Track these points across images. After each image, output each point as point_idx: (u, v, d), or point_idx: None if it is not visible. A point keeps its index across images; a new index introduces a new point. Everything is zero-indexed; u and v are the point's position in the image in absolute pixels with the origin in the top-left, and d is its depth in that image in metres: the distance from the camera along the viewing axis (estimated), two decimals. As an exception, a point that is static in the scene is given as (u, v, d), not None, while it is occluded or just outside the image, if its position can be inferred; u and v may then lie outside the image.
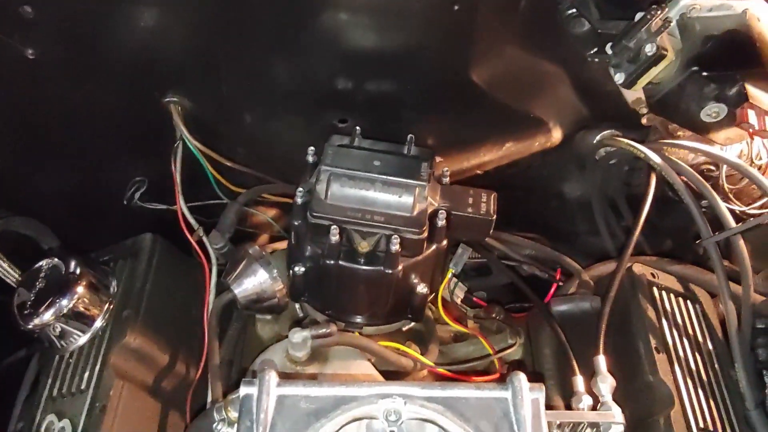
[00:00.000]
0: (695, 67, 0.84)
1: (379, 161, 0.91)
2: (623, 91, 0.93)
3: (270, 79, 0.98)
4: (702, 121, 0.87)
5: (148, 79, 0.98)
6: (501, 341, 1.09)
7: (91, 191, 1.14)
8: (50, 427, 0.89)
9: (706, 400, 0.90)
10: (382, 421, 0.67)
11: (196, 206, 1.07)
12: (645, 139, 1.05)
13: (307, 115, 1.05)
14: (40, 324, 0.92)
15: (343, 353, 0.97)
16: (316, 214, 0.86)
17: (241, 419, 0.66)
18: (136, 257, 1.03)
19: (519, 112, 1.05)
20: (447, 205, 0.91)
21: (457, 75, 0.97)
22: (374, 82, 0.98)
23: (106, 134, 1.06)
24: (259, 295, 1.01)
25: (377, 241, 0.86)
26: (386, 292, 0.89)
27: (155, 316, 0.98)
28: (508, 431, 0.67)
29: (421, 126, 1.02)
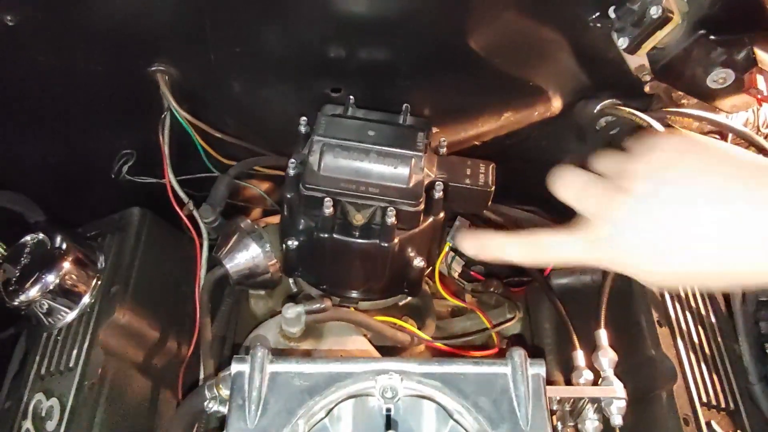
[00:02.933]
0: (702, 31, 0.80)
1: (374, 131, 0.88)
2: (626, 58, 0.90)
3: (260, 46, 0.95)
4: (708, 87, 0.84)
5: (132, 46, 0.94)
6: (499, 315, 1.08)
7: (78, 165, 1.11)
8: (38, 406, 0.87)
9: (709, 374, 0.89)
10: (378, 399, 0.66)
11: (186, 179, 1.05)
12: (648, 108, 1.02)
13: (299, 83, 1.02)
14: (26, 301, 0.90)
15: (338, 329, 0.96)
16: (308, 186, 0.83)
17: (233, 397, 0.65)
18: (125, 232, 1.01)
19: (518, 81, 1.02)
20: (444, 177, 0.88)
21: (453, 41, 0.94)
22: (368, 49, 0.95)
23: (91, 105, 1.02)
24: (252, 270, 1.00)
25: (372, 213, 0.84)
26: (382, 265, 0.87)
27: (145, 292, 0.96)
28: (508, 408, 0.65)
29: (416, 95, 0.99)
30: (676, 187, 0.57)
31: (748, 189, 0.55)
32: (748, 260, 0.55)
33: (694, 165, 0.58)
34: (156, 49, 0.96)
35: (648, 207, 0.58)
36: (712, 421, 0.84)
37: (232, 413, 0.63)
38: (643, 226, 0.58)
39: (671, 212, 0.57)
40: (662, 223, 0.57)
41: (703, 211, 0.56)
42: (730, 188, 0.56)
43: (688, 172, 0.58)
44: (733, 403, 0.88)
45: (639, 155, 0.61)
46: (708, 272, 0.58)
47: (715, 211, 0.55)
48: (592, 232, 0.61)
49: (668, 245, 0.57)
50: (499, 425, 0.64)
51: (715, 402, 0.87)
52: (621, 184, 0.60)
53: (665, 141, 0.61)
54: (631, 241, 0.59)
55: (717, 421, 0.85)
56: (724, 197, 0.55)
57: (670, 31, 0.81)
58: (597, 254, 0.62)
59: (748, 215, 0.54)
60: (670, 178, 0.58)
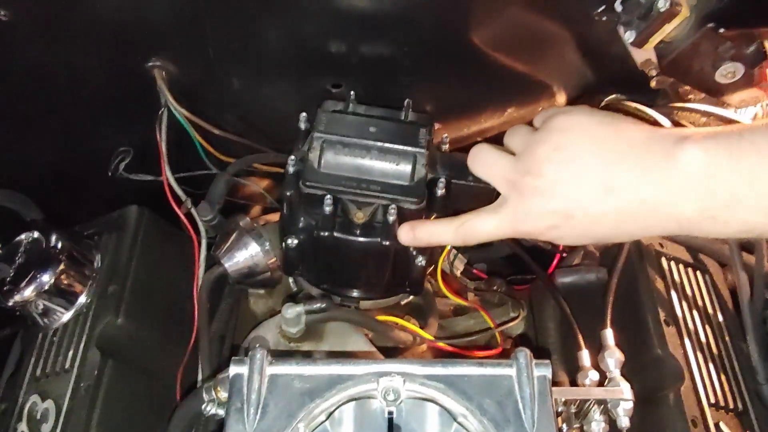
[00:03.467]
0: (711, 24, 0.79)
1: (375, 127, 0.86)
2: (632, 52, 0.89)
3: (259, 41, 0.93)
4: (716, 82, 0.83)
5: (129, 42, 0.93)
6: (502, 314, 1.07)
7: (74, 162, 1.09)
8: (33, 408, 0.86)
9: (717, 374, 0.87)
10: (380, 401, 0.65)
11: (184, 177, 1.03)
12: (653, 103, 1.01)
13: (299, 79, 1.00)
14: (21, 301, 0.89)
15: (338, 329, 0.94)
16: (309, 184, 0.82)
17: (231, 400, 0.63)
18: (122, 230, 0.99)
19: (521, 76, 1.00)
20: (447, 174, 0.87)
21: (456, 36, 0.92)
22: (369, 43, 0.93)
23: (87, 102, 1.01)
24: (251, 269, 0.98)
25: (374, 211, 0.83)
26: (384, 264, 0.86)
27: (142, 291, 0.94)
28: (513, 410, 0.64)
29: (418, 90, 0.98)
30: (569, 162, 0.64)
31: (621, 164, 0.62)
32: (636, 221, 0.63)
33: (587, 141, 0.64)
34: (153, 44, 0.94)
35: (545, 182, 0.65)
36: (721, 422, 0.83)
37: (231, 416, 0.62)
38: (543, 200, 0.65)
39: (566, 184, 0.64)
40: (559, 195, 0.64)
41: (593, 182, 0.63)
42: (615, 162, 0.62)
43: (581, 148, 0.64)
44: (742, 403, 0.87)
45: (540, 132, 0.68)
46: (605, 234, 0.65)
47: (603, 180, 0.62)
48: (504, 208, 0.69)
49: (567, 213, 0.64)
50: (504, 428, 0.63)
51: (723, 403, 0.86)
52: (524, 161, 0.67)
53: (561, 119, 0.67)
54: (536, 212, 0.66)
55: (725, 422, 0.83)
56: (611, 171, 0.62)
57: (678, 25, 0.79)
58: (513, 228, 0.70)
59: (632, 183, 0.61)
60: (564, 155, 0.65)
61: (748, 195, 0.56)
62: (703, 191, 0.58)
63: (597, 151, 0.63)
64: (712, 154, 0.58)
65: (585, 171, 0.63)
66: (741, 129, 0.58)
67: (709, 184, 0.58)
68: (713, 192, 0.58)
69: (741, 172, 0.56)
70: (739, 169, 0.57)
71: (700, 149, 0.58)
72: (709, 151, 0.58)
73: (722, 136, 0.58)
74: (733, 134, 0.58)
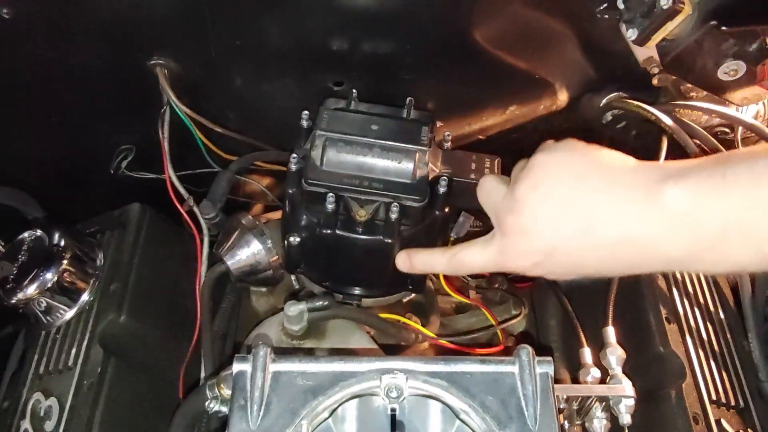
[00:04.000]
0: (713, 22, 0.79)
1: (377, 125, 0.86)
2: (634, 50, 0.89)
3: (261, 39, 0.93)
4: (719, 79, 0.83)
5: (131, 39, 0.93)
6: (504, 312, 1.07)
7: (76, 160, 1.09)
8: (37, 406, 0.86)
9: (718, 371, 0.87)
10: (383, 398, 0.65)
11: (187, 175, 1.03)
12: (655, 101, 1.01)
13: (301, 77, 1.00)
14: (24, 299, 0.89)
15: (341, 326, 0.94)
16: (311, 182, 0.82)
17: (235, 397, 0.63)
18: (124, 228, 0.99)
19: (523, 73, 1.00)
20: (449, 171, 0.87)
21: (458, 33, 0.92)
22: (371, 41, 0.93)
23: (89, 100, 1.01)
24: (253, 267, 0.98)
25: (376, 209, 0.83)
26: (386, 262, 0.85)
27: (144, 289, 0.94)
28: (516, 407, 0.64)
29: (420, 88, 0.98)
30: (547, 199, 0.63)
31: (602, 200, 0.60)
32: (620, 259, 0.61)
33: (565, 177, 0.63)
34: (155, 42, 0.94)
35: (525, 220, 0.64)
36: (722, 419, 0.83)
37: (234, 414, 0.62)
38: (524, 238, 0.65)
39: (546, 222, 0.63)
40: (539, 233, 0.63)
41: (572, 219, 0.61)
42: (595, 199, 0.61)
43: (560, 184, 0.63)
44: (743, 400, 0.87)
45: (523, 169, 0.66)
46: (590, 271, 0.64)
47: (583, 217, 0.61)
48: (491, 244, 0.69)
49: (548, 251, 0.63)
50: (506, 425, 0.62)
51: (725, 400, 0.86)
52: (507, 198, 0.66)
53: (542, 155, 0.65)
54: (518, 250, 0.66)
55: (727, 419, 0.83)
56: (591, 208, 0.60)
57: (680, 22, 0.79)
58: (499, 263, 0.69)
59: (612, 220, 0.59)
60: (542, 192, 0.63)
61: (735, 235, 0.55)
62: (688, 232, 0.56)
63: (575, 189, 0.62)
64: (696, 195, 0.56)
65: (564, 208, 0.62)
66: (724, 165, 0.56)
67: (694, 226, 0.56)
68: (699, 233, 0.56)
69: (726, 212, 0.54)
70: (723, 209, 0.55)
71: (683, 189, 0.56)
72: (693, 192, 0.56)
73: (705, 174, 0.56)
74: (716, 172, 0.55)
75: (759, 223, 0.53)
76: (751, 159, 0.54)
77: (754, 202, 0.53)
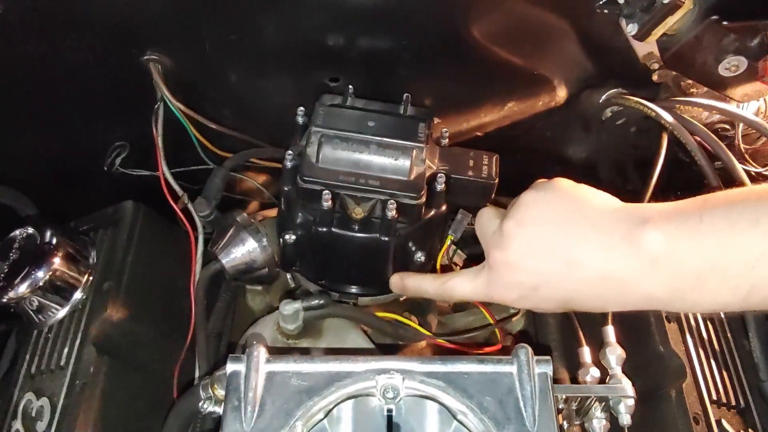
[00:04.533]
0: (714, 16, 0.78)
1: (374, 122, 0.86)
2: (634, 45, 0.88)
3: (256, 34, 0.92)
4: (720, 75, 0.82)
5: (124, 34, 0.91)
6: (502, 310, 1.06)
7: (69, 157, 1.08)
8: (28, 406, 0.85)
9: (719, 371, 0.87)
10: (379, 399, 0.64)
11: (181, 172, 1.02)
12: (655, 98, 1.00)
13: (297, 73, 0.99)
14: (15, 297, 0.88)
15: (337, 325, 0.94)
16: (306, 179, 0.81)
17: (228, 398, 0.63)
18: (118, 226, 0.98)
19: (521, 69, 0.99)
20: (446, 168, 0.86)
21: (456, 29, 0.91)
22: (368, 37, 0.92)
23: (82, 96, 1.00)
24: (249, 265, 0.97)
25: (372, 206, 0.82)
26: (383, 260, 0.85)
27: (138, 287, 0.93)
28: (514, 408, 0.63)
29: (417, 84, 0.97)
30: (532, 237, 0.66)
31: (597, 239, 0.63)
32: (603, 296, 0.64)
33: (549, 217, 0.66)
34: (149, 37, 0.93)
35: (511, 256, 0.67)
36: (723, 419, 0.82)
37: (228, 415, 0.61)
38: (510, 273, 0.68)
39: (530, 258, 0.66)
40: (523, 269, 0.67)
41: (555, 256, 0.65)
42: (577, 238, 0.64)
43: (544, 223, 0.66)
44: (744, 400, 0.86)
45: (511, 207, 0.70)
46: (575, 305, 0.67)
47: (565, 255, 0.64)
48: (480, 276, 0.72)
49: (532, 286, 0.67)
50: (504, 426, 0.62)
51: (725, 400, 0.85)
52: (496, 234, 0.69)
53: (528, 194, 0.69)
54: (504, 284, 0.69)
55: (727, 419, 0.83)
56: (573, 246, 0.64)
57: (681, 17, 0.78)
58: (486, 295, 0.72)
59: (594, 258, 0.63)
60: (527, 230, 0.67)
61: (713, 276, 0.57)
62: (667, 274, 0.59)
63: (559, 227, 0.65)
64: (674, 238, 0.58)
65: (547, 246, 0.65)
66: (701, 210, 0.58)
67: (673, 268, 0.59)
68: (679, 275, 0.59)
69: (704, 255, 0.57)
70: (701, 251, 0.57)
71: (661, 233, 0.59)
72: (671, 235, 0.58)
73: (683, 217, 0.59)
74: (694, 215, 0.58)
75: (735, 267, 0.56)
76: (728, 204, 0.57)
77: (730, 247, 0.56)
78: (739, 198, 0.58)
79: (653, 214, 0.61)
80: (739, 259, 0.55)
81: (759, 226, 0.55)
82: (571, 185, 0.68)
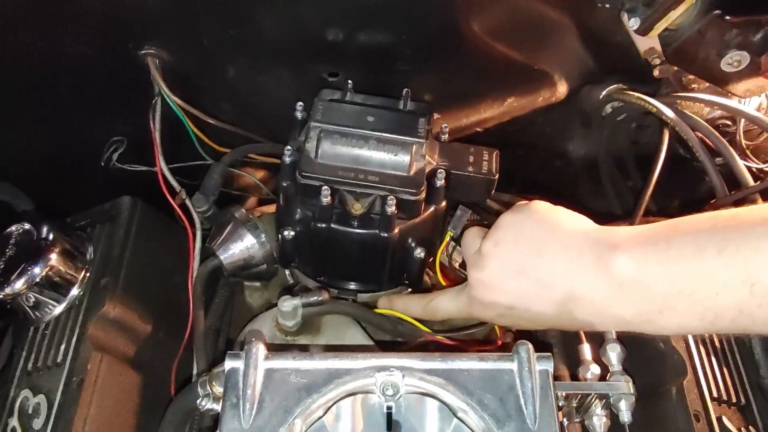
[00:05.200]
0: (717, 11, 0.78)
1: (373, 117, 0.85)
2: (636, 40, 0.88)
3: (254, 29, 0.91)
4: (722, 70, 0.82)
5: (122, 29, 0.91)
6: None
7: (66, 152, 1.07)
8: (25, 403, 0.84)
9: (719, 368, 0.86)
10: (379, 396, 0.64)
11: (179, 167, 1.02)
12: (656, 93, 1.00)
13: (295, 67, 0.98)
14: (12, 293, 0.87)
15: (336, 322, 0.93)
16: (305, 174, 0.80)
17: (227, 395, 0.62)
18: (115, 221, 0.97)
19: (521, 65, 0.99)
20: (446, 164, 0.85)
21: (456, 23, 0.91)
22: (367, 31, 0.91)
23: (79, 90, 0.99)
24: (247, 261, 0.97)
25: (372, 202, 0.81)
26: (382, 256, 0.84)
27: (136, 283, 0.93)
28: (514, 405, 0.63)
29: (417, 79, 0.96)
30: (507, 259, 0.69)
31: (568, 262, 0.65)
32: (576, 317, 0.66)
33: (523, 240, 0.69)
34: (147, 31, 0.92)
35: (488, 276, 0.70)
36: (723, 416, 0.81)
37: (226, 412, 0.61)
38: (487, 292, 0.71)
39: (505, 279, 0.69)
40: (499, 289, 0.70)
41: (529, 278, 0.68)
42: (550, 261, 0.66)
43: (518, 245, 0.69)
44: (744, 398, 0.86)
45: (489, 234, 0.72)
46: (550, 325, 0.70)
47: (539, 277, 0.67)
48: (462, 294, 0.76)
49: (508, 305, 0.70)
50: (505, 424, 0.61)
51: (726, 397, 0.84)
52: (476, 254, 0.73)
53: (506, 217, 0.72)
54: (482, 302, 0.72)
55: (728, 416, 0.82)
56: (546, 269, 0.66)
57: (684, 11, 0.78)
58: (468, 312, 0.76)
59: (566, 281, 0.65)
60: (502, 251, 0.70)
61: (680, 301, 0.58)
62: (637, 298, 0.61)
63: (532, 249, 0.67)
64: (643, 264, 0.60)
65: (521, 267, 0.68)
66: (671, 233, 0.60)
67: (641, 291, 0.60)
68: (647, 299, 0.60)
69: (671, 280, 0.58)
70: (669, 277, 0.58)
71: (630, 259, 0.61)
72: (639, 261, 0.60)
73: (652, 242, 0.60)
74: (662, 241, 0.60)
75: (702, 292, 0.57)
76: (696, 231, 0.59)
77: (697, 274, 0.57)
78: (708, 224, 0.58)
79: (623, 239, 0.63)
80: (705, 286, 0.57)
81: (724, 253, 0.56)
82: (548, 208, 0.70)
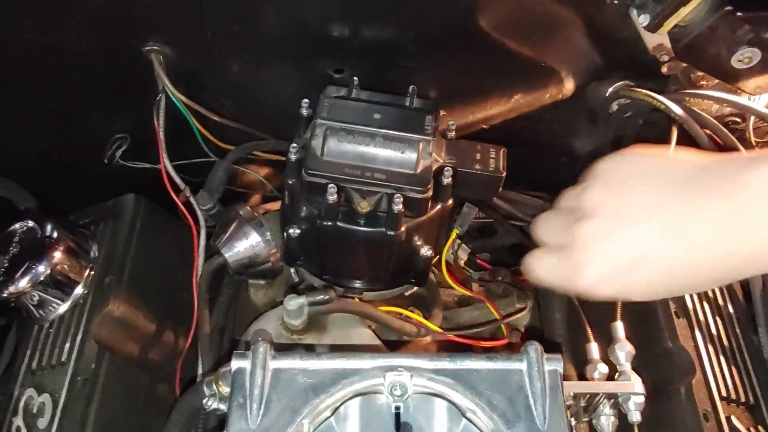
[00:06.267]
0: (728, 7, 0.76)
1: (380, 114, 0.84)
2: (644, 36, 0.87)
3: (259, 24, 0.91)
4: (732, 67, 0.81)
5: (125, 24, 0.90)
6: (508, 305, 1.05)
7: (69, 149, 1.07)
8: (29, 402, 0.84)
9: (728, 367, 0.86)
10: (387, 396, 0.63)
11: (183, 165, 1.01)
12: (663, 90, 0.99)
13: (300, 64, 0.98)
14: (16, 292, 0.87)
15: (342, 321, 0.92)
16: (311, 172, 0.80)
17: (234, 396, 0.62)
18: (119, 219, 0.97)
19: (528, 61, 0.98)
20: (453, 162, 0.85)
21: (462, 19, 0.90)
22: (373, 27, 0.91)
23: (82, 87, 0.99)
24: (252, 259, 0.96)
25: (378, 200, 0.81)
26: (388, 255, 0.84)
27: (140, 282, 0.92)
28: (524, 405, 0.62)
29: (423, 76, 0.95)
30: (619, 209, 0.57)
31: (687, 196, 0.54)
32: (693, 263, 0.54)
33: (634, 184, 0.58)
34: (150, 27, 0.91)
35: (603, 225, 0.57)
36: (732, 416, 0.81)
37: (233, 412, 0.60)
38: (607, 243, 0.57)
39: (616, 232, 0.57)
40: (611, 244, 0.57)
41: (642, 226, 0.55)
42: (667, 199, 0.55)
43: (629, 192, 0.57)
44: (753, 397, 0.85)
45: (586, 181, 0.60)
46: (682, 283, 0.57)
47: (655, 223, 0.55)
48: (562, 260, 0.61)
49: (636, 258, 0.56)
50: (514, 424, 0.61)
51: (735, 396, 0.84)
52: (576, 212, 0.59)
53: (606, 163, 0.60)
54: (601, 257, 0.57)
55: (737, 416, 0.82)
56: (662, 210, 0.55)
57: (694, 7, 0.77)
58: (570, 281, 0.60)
59: (687, 221, 0.53)
60: (611, 202, 0.58)
61: None
62: None
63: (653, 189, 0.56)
64: None
65: (653, 211, 0.55)
66: None
67: None
68: None
69: None
70: None
71: None
72: None
73: None
74: None
75: None
76: None
77: None
78: None
79: (758, 155, 0.52)
80: None
81: None
82: (651, 149, 0.60)
